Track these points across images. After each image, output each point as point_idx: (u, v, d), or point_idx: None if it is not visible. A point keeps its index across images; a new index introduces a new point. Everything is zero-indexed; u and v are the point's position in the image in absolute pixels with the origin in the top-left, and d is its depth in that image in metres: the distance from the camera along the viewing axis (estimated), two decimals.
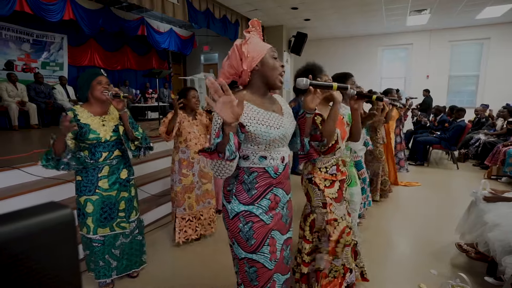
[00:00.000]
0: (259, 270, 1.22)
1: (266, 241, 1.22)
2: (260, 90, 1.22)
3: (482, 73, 8.41)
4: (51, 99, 6.25)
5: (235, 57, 1.16)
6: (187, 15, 5.74)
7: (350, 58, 9.48)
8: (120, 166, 2.00)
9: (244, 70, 1.16)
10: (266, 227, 1.22)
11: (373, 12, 6.89)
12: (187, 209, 2.65)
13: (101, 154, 1.90)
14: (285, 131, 1.21)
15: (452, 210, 3.39)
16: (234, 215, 1.21)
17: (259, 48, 1.17)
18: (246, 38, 1.16)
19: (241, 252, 1.23)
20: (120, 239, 2.06)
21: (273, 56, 1.20)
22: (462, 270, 2.11)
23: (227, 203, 1.23)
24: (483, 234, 2.09)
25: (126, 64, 8.85)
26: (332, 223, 1.67)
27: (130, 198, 2.08)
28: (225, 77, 1.22)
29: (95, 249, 1.97)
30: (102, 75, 1.89)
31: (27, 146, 3.73)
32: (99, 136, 1.86)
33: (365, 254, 2.50)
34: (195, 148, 2.61)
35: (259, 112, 1.17)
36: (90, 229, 1.92)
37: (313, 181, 1.70)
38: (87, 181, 1.89)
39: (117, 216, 2.01)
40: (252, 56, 1.15)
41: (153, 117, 8.17)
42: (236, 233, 1.21)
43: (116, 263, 2.06)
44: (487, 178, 4.75)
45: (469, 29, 8.23)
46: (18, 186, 2.59)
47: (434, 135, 5.87)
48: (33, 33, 6.60)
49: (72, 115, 1.80)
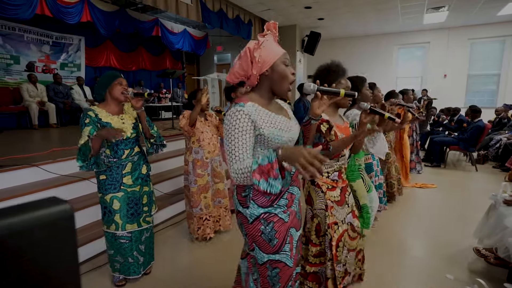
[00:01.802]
0: (281, 270, 1.22)
1: (287, 239, 1.23)
2: (268, 94, 1.21)
3: (504, 72, 8.10)
4: (69, 99, 6.45)
5: (246, 59, 1.14)
6: (201, 15, 5.80)
7: (364, 57, 9.33)
8: (141, 162, 2.09)
9: (253, 74, 1.15)
10: (286, 225, 1.23)
11: (388, 10, 6.75)
12: (204, 209, 2.69)
13: (123, 151, 1.97)
14: (294, 134, 1.22)
15: (469, 213, 3.28)
16: (254, 219, 1.20)
17: (271, 53, 1.14)
18: (260, 42, 1.14)
19: (263, 256, 1.22)
20: (144, 234, 2.13)
21: (285, 62, 1.17)
22: (480, 276, 2.04)
23: (244, 208, 1.22)
24: (503, 239, 2.01)
25: (141, 64, 9.02)
26: (333, 226, 1.65)
27: (150, 192, 2.17)
28: (234, 77, 1.20)
29: (124, 245, 2.02)
30: (122, 77, 1.98)
31: (46, 145, 3.86)
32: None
33: (378, 256, 2.46)
34: (208, 148, 2.65)
35: (271, 115, 1.17)
36: (118, 226, 1.98)
37: (316, 183, 1.70)
38: (112, 179, 1.95)
39: (143, 211, 2.08)
40: (263, 61, 1.13)
41: (166, 116, 8.29)
42: (257, 236, 1.21)
43: (142, 259, 2.14)
44: (508, 180, 4.56)
45: (490, 26, 7.95)
46: (37, 183, 2.68)
47: (452, 136, 5.70)
48: (53, 35, 6.82)
49: (93, 114, 1.87)
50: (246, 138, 1.10)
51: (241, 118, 1.10)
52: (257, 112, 1.13)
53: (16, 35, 6.18)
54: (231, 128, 1.11)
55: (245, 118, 1.10)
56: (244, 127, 1.10)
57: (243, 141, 1.10)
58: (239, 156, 1.09)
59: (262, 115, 1.14)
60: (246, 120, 1.10)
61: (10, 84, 6.13)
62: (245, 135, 1.10)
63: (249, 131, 1.11)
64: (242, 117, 1.10)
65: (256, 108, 1.14)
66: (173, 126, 5.41)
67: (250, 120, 1.11)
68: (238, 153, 1.10)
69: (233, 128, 1.11)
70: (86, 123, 1.83)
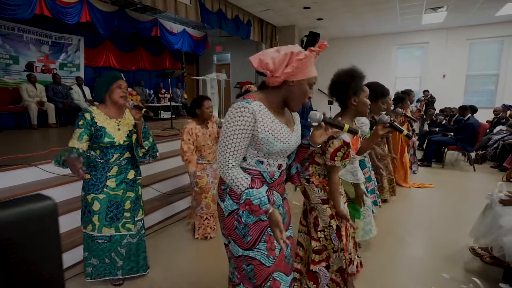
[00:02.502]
0: (256, 267, 1.23)
1: (262, 237, 1.22)
2: (278, 101, 1.19)
3: (502, 72, 8.11)
4: (68, 99, 6.45)
5: (284, 60, 1.10)
6: (200, 16, 5.81)
7: (363, 57, 9.33)
8: (128, 167, 2.03)
9: (280, 77, 1.12)
10: (262, 224, 1.22)
11: (387, 10, 6.76)
12: (205, 208, 2.77)
13: (112, 155, 1.93)
14: (288, 147, 1.20)
15: (466, 212, 3.29)
16: (229, 213, 1.22)
17: (307, 70, 1.12)
18: (305, 54, 1.10)
19: (238, 250, 1.24)
20: (127, 239, 2.07)
21: (311, 84, 1.17)
22: (476, 275, 2.05)
23: (221, 201, 1.25)
24: (498, 238, 2.02)
25: (140, 64, 9.02)
26: (337, 217, 1.69)
27: (137, 197, 2.10)
28: (261, 64, 1.12)
29: (101, 246, 1.97)
30: (122, 79, 1.92)
31: (45, 145, 3.87)
32: (113, 140, 1.89)
33: (374, 255, 2.47)
34: (208, 157, 2.75)
35: (274, 121, 1.15)
36: (95, 227, 1.94)
37: (311, 181, 1.74)
38: (95, 180, 1.92)
39: (123, 216, 2.02)
40: (297, 72, 1.11)
41: (166, 116, 8.29)
42: (232, 230, 1.23)
43: (122, 263, 2.06)
44: (506, 180, 4.58)
45: (488, 27, 7.96)
46: (36, 183, 2.69)
47: (449, 136, 5.72)
48: (52, 35, 6.82)
49: (89, 117, 1.83)
50: (242, 137, 1.10)
51: (245, 115, 1.09)
52: (261, 113, 1.12)
53: (15, 35, 6.19)
54: (231, 123, 1.11)
55: (248, 117, 1.09)
56: (244, 126, 1.09)
57: (238, 140, 1.10)
58: (229, 151, 1.12)
59: (265, 117, 1.13)
60: (248, 119, 1.09)
61: (9, 84, 6.14)
62: (242, 134, 1.10)
63: (247, 131, 1.10)
64: (245, 114, 1.09)
65: (262, 109, 1.13)
66: (172, 126, 5.42)
67: (253, 119, 1.10)
68: (229, 148, 1.12)
69: (232, 124, 1.10)
70: (79, 124, 1.79)
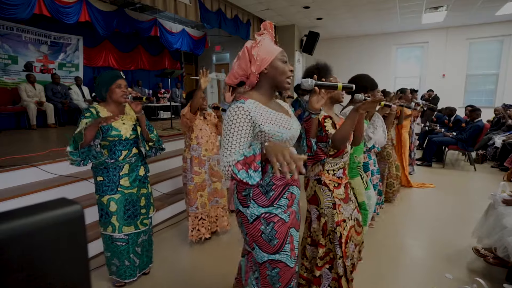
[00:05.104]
0: (281, 270, 1.22)
1: (287, 239, 1.23)
2: (268, 92, 1.22)
3: (502, 72, 8.11)
4: (67, 99, 6.42)
5: (245, 59, 1.16)
6: (199, 15, 5.79)
7: (363, 57, 9.34)
8: (138, 164, 2.07)
9: (253, 72, 1.16)
10: (286, 225, 1.23)
11: (386, 10, 6.76)
12: (200, 208, 2.67)
13: (121, 152, 1.95)
14: (294, 132, 1.22)
15: (468, 212, 3.28)
16: (255, 219, 1.20)
17: (269, 51, 1.16)
18: (257, 41, 1.16)
19: (263, 255, 1.22)
20: (141, 237, 2.11)
21: (282, 60, 1.18)
22: (479, 276, 2.04)
23: (244, 208, 1.22)
24: (502, 238, 2.01)
25: (140, 64, 8.99)
26: (342, 224, 1.66)
27: (148, 194, 2.15)
28: (233, 78, 1.21)
29: (120, 248, 2.00)
30: (121, 78, 1.93)
31: (45, 145, 3.84)
32: (120, 133, 1.90)
33: (377, 256, 2.46)
34: (206, 146, 2.64)
35: (271, 112, 1.17)
36: (115, 228, 1.96)
37: (323, 181, 1.68)
38: (109, 181, 1.93)
39: (140, 213, 2.06)
40: (262, 59, 1.14)
41: (165, 116, 8.27)
42: (257, 236, 1.21)
43: (139, 261, 2.12)
44: (506, 180, 4.58)
45: (488, 26, 7.95)
46: (35, 184, 2.67)
47: (450, 136, 5.70)
48: (51, 35, 6.79)
49: (94, 111, 1.85)
50: (241, 134, 1.10)
51: (240, 114, 1.11)
52: (257, 109, 1.13)
53: (14, 35, 6.16)
54: (229, 123, 1.12)
55: (244, 115, 1.10)
56: (242, 123, 1.10)
57: (238, 136, 1.10)
58: (231, 150, 1.09)
59: (262, 112, 1.14)
60: (244, 117, 1.10)
61: (8, 84, 6.11)
62: (241, 131, 1.10)
63: (246, 128, 1.10)
64: (241, 113, 1.11)
65: (257, 105, 1.15)
66: (172, 126, 5.39)
67: (249, 117, 1.11)
68: (231, 147, 1.09)
69: (231, 124, 1.11)
70: (86, 116, 1.81)
